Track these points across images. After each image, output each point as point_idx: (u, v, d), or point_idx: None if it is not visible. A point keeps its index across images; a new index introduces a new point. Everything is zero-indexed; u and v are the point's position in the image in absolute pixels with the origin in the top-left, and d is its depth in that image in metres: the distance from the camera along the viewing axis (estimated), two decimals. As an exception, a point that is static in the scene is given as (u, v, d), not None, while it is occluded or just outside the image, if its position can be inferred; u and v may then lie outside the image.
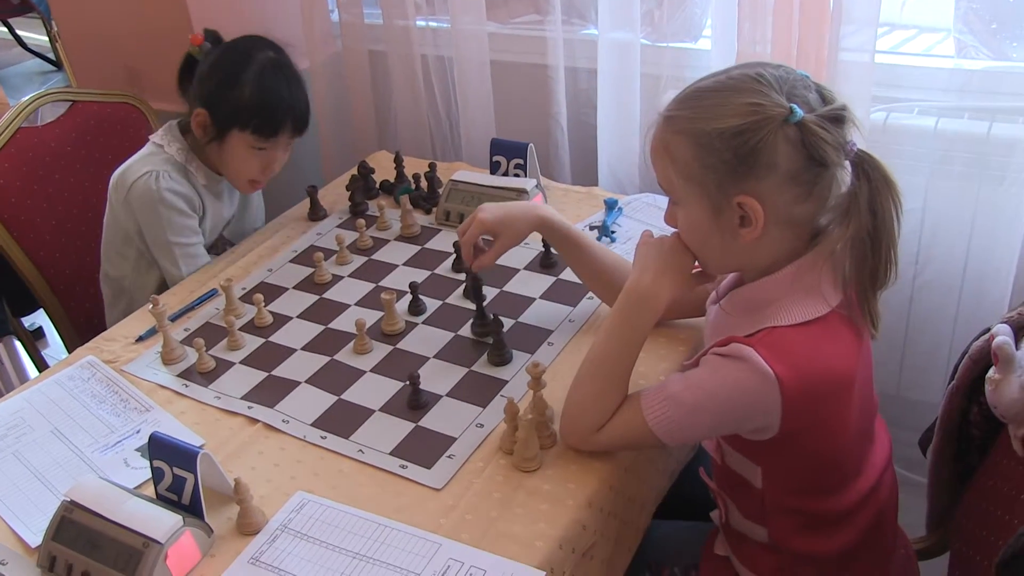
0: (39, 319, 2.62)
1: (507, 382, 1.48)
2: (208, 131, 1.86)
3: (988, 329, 1.32)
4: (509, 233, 1.55)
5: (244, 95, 1.81)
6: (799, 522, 1.28)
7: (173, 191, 1.85)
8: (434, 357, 1.56)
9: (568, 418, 1.31)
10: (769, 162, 1.12)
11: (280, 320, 1.70)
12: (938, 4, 1.95)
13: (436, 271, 1.79)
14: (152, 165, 1.86)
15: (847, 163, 1.14)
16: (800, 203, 1.15)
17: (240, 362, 1.61)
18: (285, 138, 1.87)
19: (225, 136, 1.85)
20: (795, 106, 1.11)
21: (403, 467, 1.34)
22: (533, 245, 1.81)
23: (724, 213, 1.16)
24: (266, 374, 1.57)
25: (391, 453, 1.37)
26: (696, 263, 1.27)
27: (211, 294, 1.79)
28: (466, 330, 1.61)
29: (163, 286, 1.91)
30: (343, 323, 1.67)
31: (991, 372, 1.27)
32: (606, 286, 1.54)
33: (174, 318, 1.73)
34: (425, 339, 1.60)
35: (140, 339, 1.69)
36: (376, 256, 1.87)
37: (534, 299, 1.67)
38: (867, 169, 1.14)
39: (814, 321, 1.17)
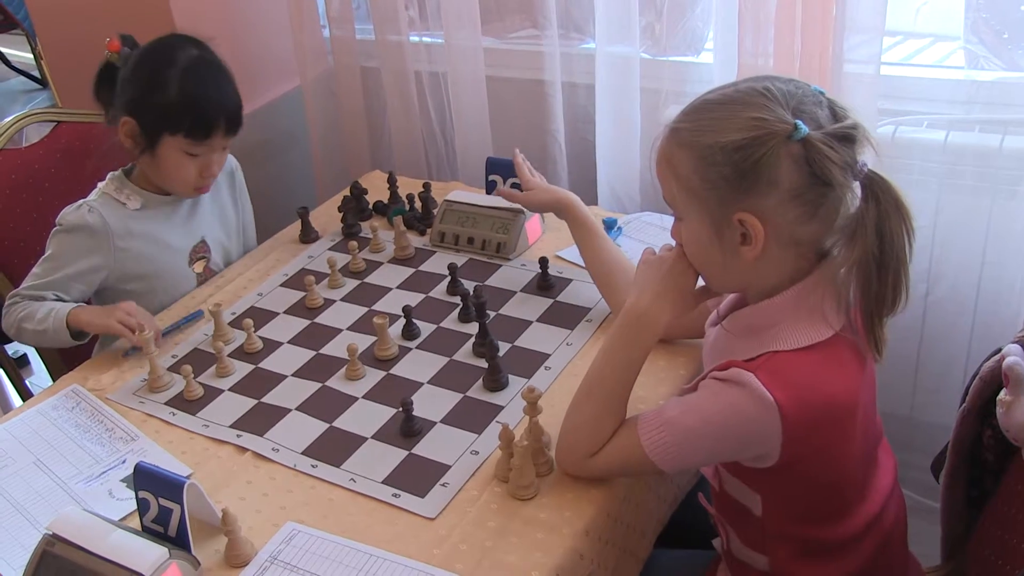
0: (23, 347, 2.64)
1: (503, 408, 1.50)
2: (138, 140, 1.82)
3: (1000, 349, 1.33)
4: (537, 192, 1.76)
5: (170, 97, 1.77)
6: (800, 549, 1.28)
7: (72, 224, 1.82)
8: (428, 383, 1.57)
9: (564, 442, 1.33)
10: (771, 179, 1.12)
11: (270, 346, 1.72)
12: (947, 13, 1.98)
13: (430, 294, 1.81)
14: (84, 199, 1.86)
15: (856, 183, 1.15)
16: (804, 223, 1.15)
17: (229, 389, 1.62)
18: (219, 139, 1.83)
19: (156, 143, 1.81)
20: (800, 122, 1.11)
21: (396, 496, 1.36)
22: (530, 266, 1.83)
23: (725, 230, 1.18)
24: (256, 401, 1.59)
25: (383, 482, 1.38)
26: (699, 280, 1.29)
27: (195, 316, 1.81)
28: (460, 355, 1.63)
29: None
30: (335, 348, 1.69)
31: (1002, 394, 1.28)
32: (610, 284, 1.61)
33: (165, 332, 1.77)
34: (419, 364, 1.62)
35: (127, 355, 1.72)
36: (369, 279, 1.89)
37: (531, 322, 1.69)
38: (876, 191, 1.14)
39: (816, 346, 1.18)
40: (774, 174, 1.12)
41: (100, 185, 1.90)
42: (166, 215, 1.92)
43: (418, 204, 2.07)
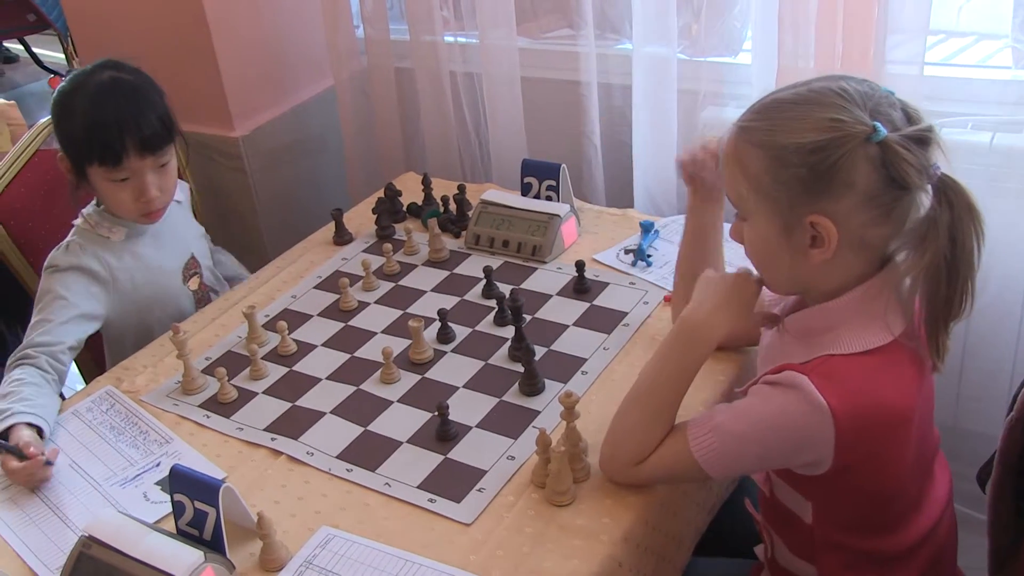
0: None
1: (539, 412, 1.50)
2: (72, 174, 1.80)
3: (1049, 357, 1.32)
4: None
5: (76, 127, 1.75)
6: (851, 561, 1.27)
7: (71, 264, 1.80)
8: (463, 387, 1.58)
9: (609, 448, 1.32)
10: (847, 181, 1.11)
11: (304, 348, 1.73)
12: (992, 11, 1.96)
13: (465, 297, 1.82)
14: (67, 239, 1.85)
15: (928, 187, 1.13)
16: (875, 226, 1.14)
17: (263, 392, 1.64)
18: (137, 161, 1.75)
19: (85, 175, 1.78)
20: (879, 124, 1.10)
21: (431, 501, 1.36)
22: (566, 270, 1.83)
23: (795, 232, 1.16)
24: (290, 404, 1.60)
25: (419, 486, 1.39)
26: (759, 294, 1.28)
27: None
28: (496, 359, 1.63)
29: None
30: (369, 351, 1.70)
31: (1051, 402, 1.27)
32: (683, 286, 1.53)
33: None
34: (454, 368, 1.63)
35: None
36: (403, 282, 1.89)
37: (567, 326, 1.69)
38: (950, 195, 1.13)
39: (874, 351, 1.17)
40: (851, 176, 1.11)
41: (77, 223, 1.87)
42: (153, 237, 1.91)
43: (452, 206, 2.07)
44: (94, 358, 2.17)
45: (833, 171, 1.11)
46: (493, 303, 1.75)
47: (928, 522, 1.29)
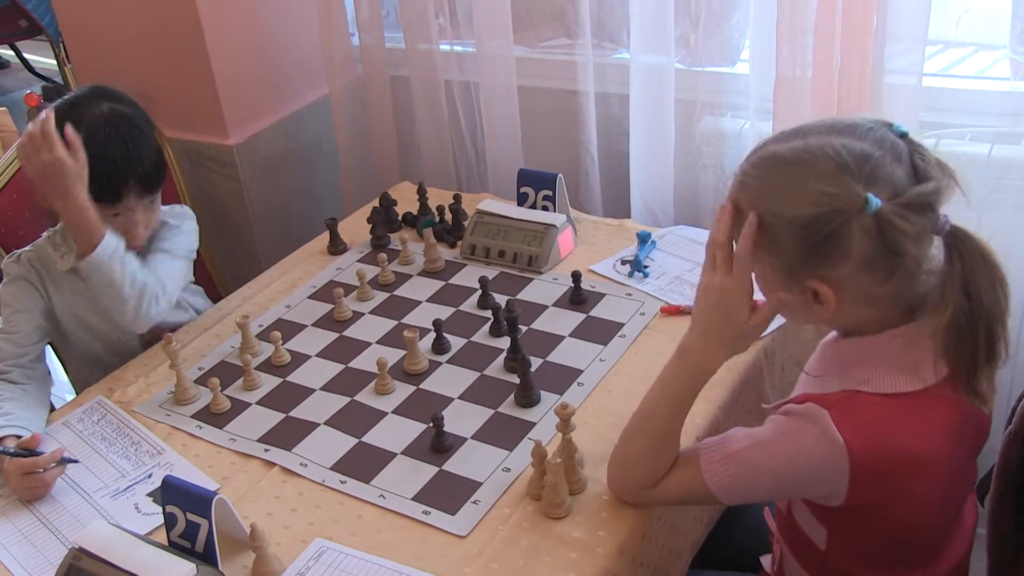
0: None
1: (535, 424, 1.50)
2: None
3: (1047, 370, 1.32)
4: None
5: None
6: None
7: (19, 274, 1.80)
8: (459, 398, 1.58)
9: (619, 473, 1.32)
10: (841, 252, 1.10)
11: (298, 359, 1.73)
12: (991, 22, 1.97)
13: (461, 307, 1.82)
14: (21, 251, 1.84)
15: (938, 239, 1.12)
16: (879, 285, 1.13)
17: (256, 403, 1.64)
18: (135, 200, 1.75)
19: None
20: (871, 195, 1.07)
21: (426, 513, 1.36)
22: (563, 280, 1.83)
23: (796, 290, 1.16)
24: (283, 415, 1.60)
25: (413, 498, 1.39)
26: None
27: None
28: (492, 370, 1.63)
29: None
30: (364, 362, 1.70)
31: (1049, 416, 1.27)
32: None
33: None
34: (449, 379, 1.63)
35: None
36: (398, 292, 1.90)
37: (563, 337, 1.70)
38: (960, 248, 1.11)
39: (904, 395, 1.15)
40: (845, 248, 1.10)
41: (44, 235, 1.86)
42: None
43: (448, 216, 2.08)
44: (88, 367, 2.16)
45: (827, 243, 1.10)
46: (489, 314, 1.76)
47: (948, 566, 1.27)
